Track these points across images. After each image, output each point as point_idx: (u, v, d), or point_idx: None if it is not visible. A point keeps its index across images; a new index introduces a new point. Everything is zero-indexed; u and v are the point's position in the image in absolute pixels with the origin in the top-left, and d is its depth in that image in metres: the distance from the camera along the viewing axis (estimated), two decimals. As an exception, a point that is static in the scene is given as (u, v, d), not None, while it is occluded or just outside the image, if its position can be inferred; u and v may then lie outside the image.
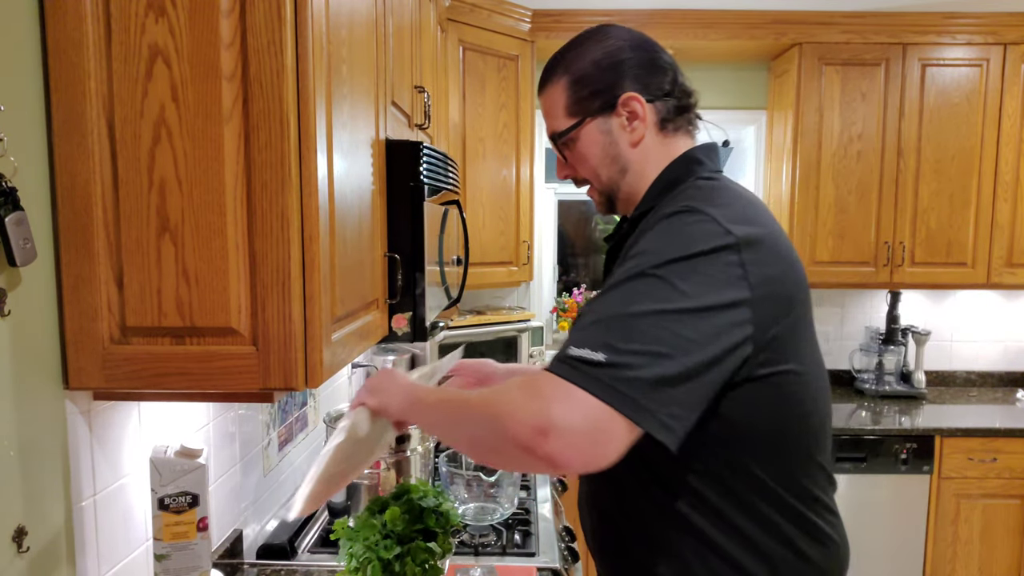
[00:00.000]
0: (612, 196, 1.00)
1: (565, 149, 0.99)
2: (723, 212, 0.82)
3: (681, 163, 0.96)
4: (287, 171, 0.80)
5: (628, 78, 0.94)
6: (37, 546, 0.81)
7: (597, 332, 0.75)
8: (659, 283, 0.76)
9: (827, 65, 2.68)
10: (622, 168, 0.97)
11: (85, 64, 0.79)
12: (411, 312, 1.24)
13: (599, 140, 0.96)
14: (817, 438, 0.89)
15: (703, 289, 0.76)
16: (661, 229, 0.82)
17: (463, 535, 1.51)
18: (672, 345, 0.73)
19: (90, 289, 0.82)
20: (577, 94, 0.95)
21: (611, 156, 0.97)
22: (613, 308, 0.76)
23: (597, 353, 0.73)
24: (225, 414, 1.31)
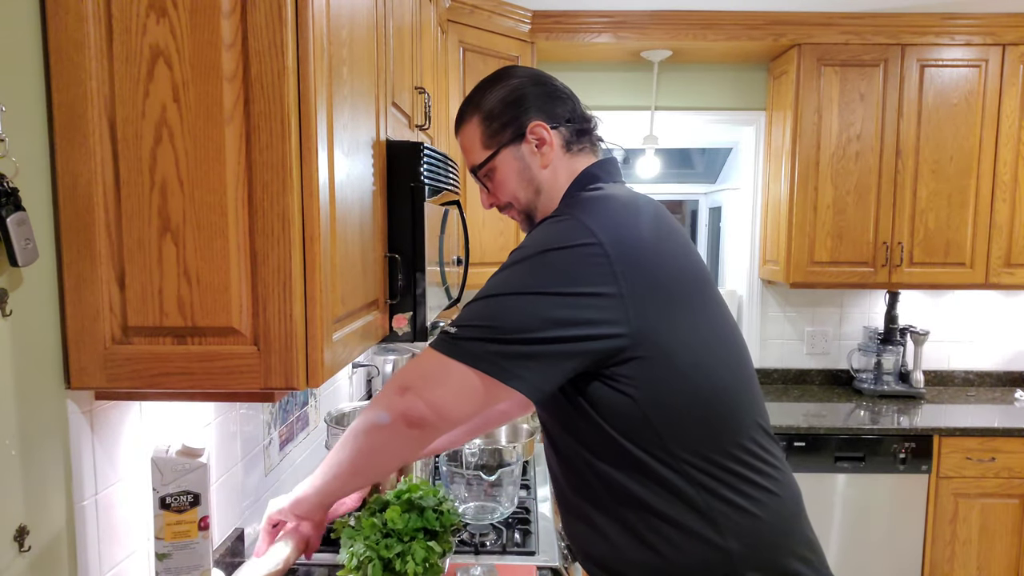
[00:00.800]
0: (531, 214, 1.13)
1: (486, 179, 1.13)
2: (593, 218, 0.96)
3: (580, 179, 1.09)
4: (288, 172, 0.81)
5: (533, 109, 1.09)
6: (38, 545, 0.81)
7: (465, 312, 0.95)
8: (521, 269, 0.94)
9: (826, 66, 2.69)
10: (536, 188, 1.11)
11: (86, 64, 0.80)
12: (411, 312, 1.24)
13: (514, 166, 1.10)
14: (732, 404, 0.99)
15: (560, 277, 0.92)
16: (536, 230, 0.99)
17: (463, 534, 1.51)
18: (525, 320, 0.91)
19: (92, 289, 0.82)
20: (490, 128, 1.10)
21: (526, 179, 1.11)
22: (484, 291, 0.96)
23: (452, 327, 0.94)
24: (226, 413, 1.31)
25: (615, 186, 1.08)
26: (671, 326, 0.95)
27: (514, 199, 1.12)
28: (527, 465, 1.94)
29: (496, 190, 1.13)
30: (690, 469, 0.95)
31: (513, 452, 1.70)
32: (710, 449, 0.96)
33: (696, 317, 0.98)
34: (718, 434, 0.97)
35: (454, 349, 0.93)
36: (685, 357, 0.95)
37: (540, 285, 0.92)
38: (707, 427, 0.96)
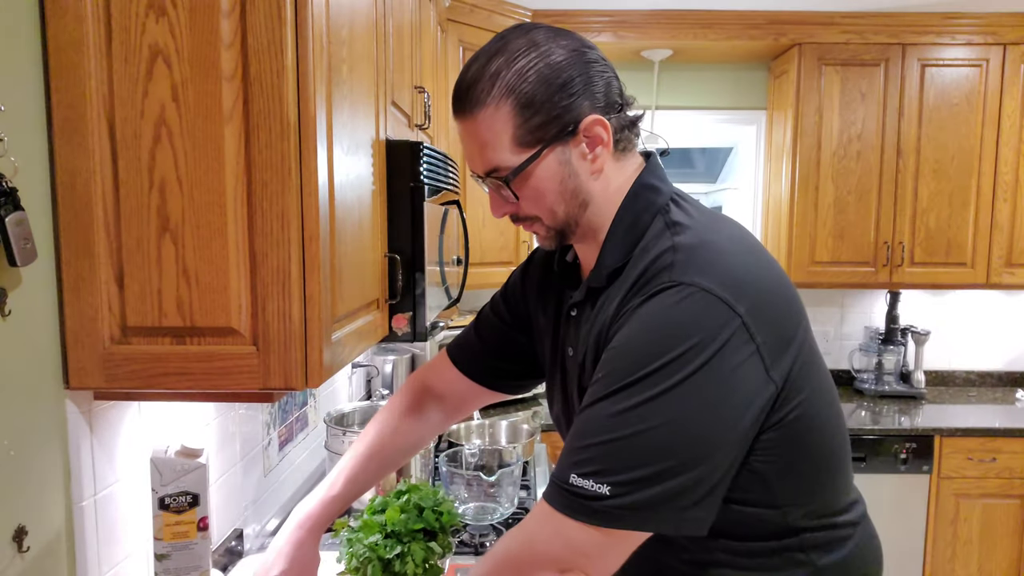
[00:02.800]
0: (567, 232, 0.88)
1: (512, 186, 0.83)
2: (717, 275, 0.75)
3: (637, 196, 0.86)
4: (287, 171, 0.80)
5: (584, 95, 0.81)
6: (37, 546, 0.81)
7: (601, 458, 0.73)
8: (655, 392, 0.72)
9: (827, 65, 2.68)
10: (583, 202, 0.85)
11: (85, 64, 0.79)
12: (411, 312, 1.24)
13: (557, 172, 0.83)
14: (845, 452, 0.89)
15: (707, 390, 0.72)
16: (652, 314, 0.75)
17: (463, 534, 1.51)
18: (678, 457, 0.72)
19: (90, 289, 0.82)
20: (529, 121, 0.80)
21: (571, 190, 0.84)
22: (615, 428, 0.73)
23: (601, 486, 0.72)
24: (226, 414, 1.31)
25: (690, 206, 0.86)
26: (810, 392, 0.80)
27: (548, 214, 0.85)
28: (527, 466, 1.94)
29: (526, 200, 0.85)
30: (805, 535, 0.84)
31: (513, 453, 1.70)
32: (825, 509, 0.85)
33: (818, 366, 0.83)
34: (836, 492, 0.87)
35: (614, 518, 0.72)
36: (818, 420, 0.81)
37: (699, 407, 0.72)
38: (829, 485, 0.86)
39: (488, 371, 1.14)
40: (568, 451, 0.77)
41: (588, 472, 0.73)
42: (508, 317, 1.11)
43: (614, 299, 0.83)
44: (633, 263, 0.83)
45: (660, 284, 0.76)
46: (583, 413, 0.78)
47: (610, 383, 0.75)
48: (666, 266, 0.78)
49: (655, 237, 0.83)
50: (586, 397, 0.79)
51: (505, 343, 1.12)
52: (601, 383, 0.76)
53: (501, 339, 1.12)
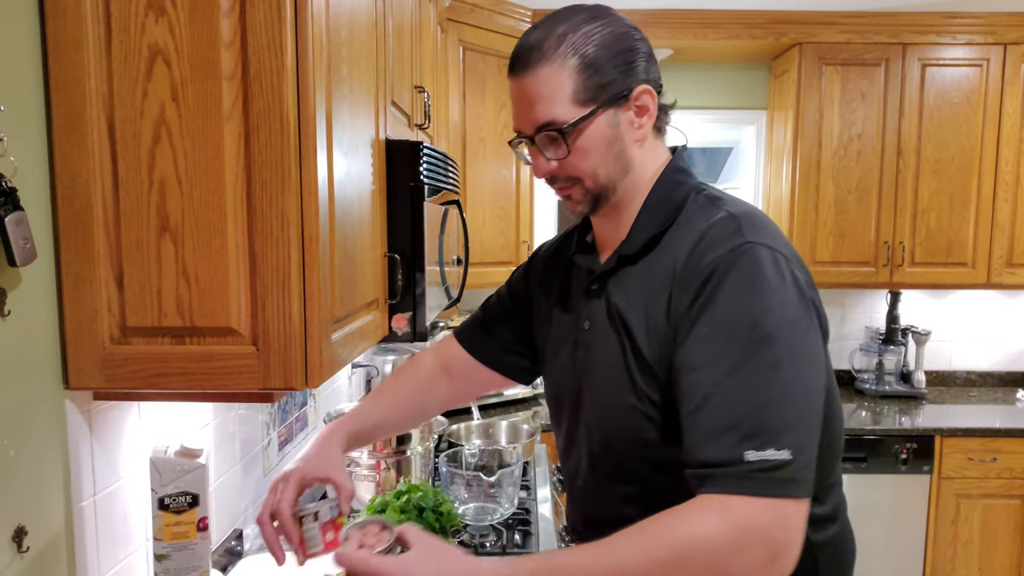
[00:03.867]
0: (603, 197, 0.91)
1: (560, 142, 0.87)
2: (779, 243, 0.82)
3: (670, 176, 0.92)
4: (287, 171, 0.80)
5: (639, 67, 0.88)
6: (37, 546, 0.81)
7: (763, 426, 0.72)
8: (779, 351, 0.75)
9: (827, 65, 2.68)
10: (624, 167, 0.90)
11: (85, 64, 0.79)
12: (411, 312, 1.24)
13: (606, 135, 0.87)
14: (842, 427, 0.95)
15: (809, 344, 0.78)
16: (751, 276, 0.78)
17: (463, 535, 1.51)
18: (812, 411, 0.76)
19: (90, 289, 0.82)
20: (590, 80, 0.85)
21: (615, 153, 0.89)
22: (766, 390, 0.74)
23: (782, 452, 0.72)
24: (225, 414, 1.31)
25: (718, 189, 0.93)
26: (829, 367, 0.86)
27: (591, 175, 0.89)
28: (527, 466, 1.94)
29: (574, 158, 0.88)
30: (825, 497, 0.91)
31: (513, 453, 1.69)
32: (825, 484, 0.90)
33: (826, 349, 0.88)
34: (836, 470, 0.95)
35: (804, 484, 0.73)
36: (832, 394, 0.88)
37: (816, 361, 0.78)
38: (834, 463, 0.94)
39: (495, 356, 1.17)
40: (722, 432, 0.73)
41: (763, 442, 0.72)
42: (511, 308, 1.16)
43: (666, 267, 0.85)
44: (679, 231, 0.87)
45: (738, 245, 0.80)
46: (716, 390, 0.75)
47: (741, 349, 0.75)
48: (733, 230, 0.82)
49: (700, 208, 0.88)
50: (703, 375, 0.77)
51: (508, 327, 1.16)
52: (723, 353, 0.76)
53: (504, 322, 1.17)
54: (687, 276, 0.82)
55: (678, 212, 0.89)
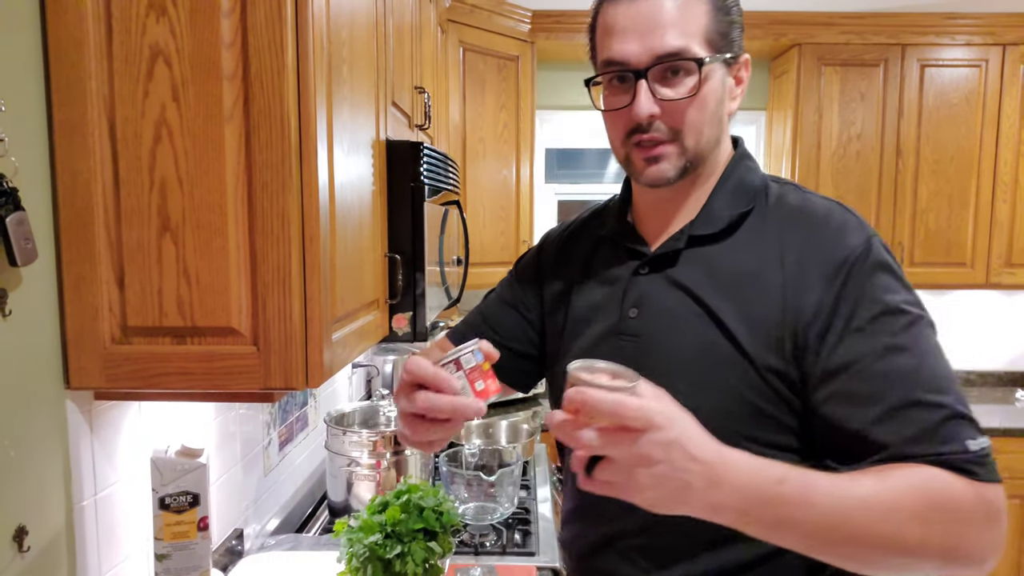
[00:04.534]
0: (692, 166, 0.81)
1: (685, 79, 0.77)
2: None
3: (741, 160, 0.85)
4: (288, 171, 0.80)
5: (742, 37, 0.82)
6: (38, 546, 0.81)
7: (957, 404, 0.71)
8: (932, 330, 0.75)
9: (826, 65, 2.69)
10: (718, 137, 0.82)
11: (86, 64, 0.80)
12: (411, 312, 1.24)
13: (718, 90, 0.79)
14: None
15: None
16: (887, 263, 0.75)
17: (463, 534, 1.51)
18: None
19: (91, 289, 0.82)
20: (720, 25, 0.78)
21: (719, 116, 0.81)
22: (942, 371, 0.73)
23: (982, 439, 0.71)
24: (226, 414, 1.31)
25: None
26: None
27: (697, 131, 0.79)
28: (527, 466, 1.94)
29: (692, 104, 0.77)
30: None
31: (513, 453, 1.70)
32: None
33: None
34: None
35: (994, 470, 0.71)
36: None
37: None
38: None
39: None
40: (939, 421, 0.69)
41: (973, 430, 0.70)
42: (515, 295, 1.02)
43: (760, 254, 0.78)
44: (766, 217, 0.81)
45: (868, 238, 0.76)
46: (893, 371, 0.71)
47: (902, 332, 0.72)
48: (854, 219, 0.78)
49: (791, 191, 0.83)
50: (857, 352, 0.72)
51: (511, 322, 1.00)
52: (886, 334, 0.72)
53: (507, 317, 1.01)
54: (817, 267, 0.75)
55: (756, 198, 0.82)
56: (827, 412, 0.73)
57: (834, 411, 0.73)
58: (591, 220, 0.97)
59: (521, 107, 2.56)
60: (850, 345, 0.72)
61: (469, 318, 1.07)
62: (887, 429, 0.69)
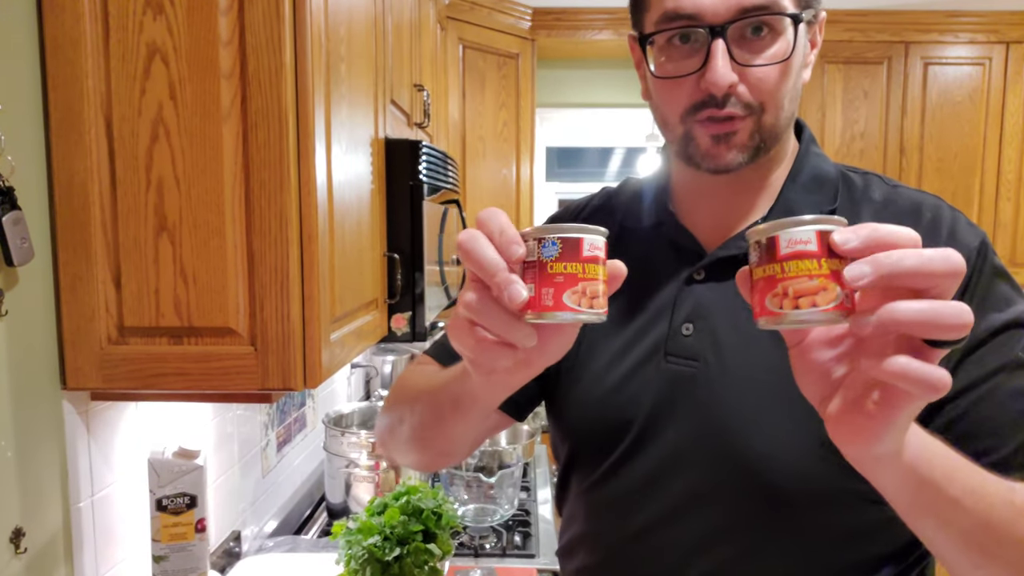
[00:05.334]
0: (765, 146, 0.65)
1: (776, 38, 0.62)
2: None
3: (810, 147, 0.72)
4: (285, 170, 0.80)
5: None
6: (35, 547, 0.80)
7: None
8: None
9: (829, 63, 2.67)
10: (794, 112, 0.67)
11: (83, 62, 0.79)
12: (411, 312, 1.24)
13: (802, 54, 0.64)
14: None
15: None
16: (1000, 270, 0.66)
17: (463, 536, 1.50)
18: None
19: (88, 289, 0.81)
20: None
21: (799, 87, 0.66)
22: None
23: None
24: (223, 415, 1.31)
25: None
26: None
27: (778, 103, 0.64)
28: (527, 467, 1.93)
29: (771, 71, 0.62)
30: None
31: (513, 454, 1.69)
32: None
33: None
34: None
35: None
36: None
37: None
38: None
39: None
40: None
41: None
42: None
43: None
44: (863, 209, 0.68)
45: (983, 239, 0.65)
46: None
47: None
48: (966, 222, 0.67)
49: (877, 182, 0.71)
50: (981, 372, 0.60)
51: None
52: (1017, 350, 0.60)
53: None
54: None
55: (838, 190, 0.70)
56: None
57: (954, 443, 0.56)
58: (608, 205, 0.80)
59: (521, 105, 2.55)
60: (973, 363, 0.60)
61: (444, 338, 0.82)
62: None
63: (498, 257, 0.45)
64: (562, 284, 0.44)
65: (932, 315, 0.38)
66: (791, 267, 0.41)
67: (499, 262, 0.44)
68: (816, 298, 0.41)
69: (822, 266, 0.41)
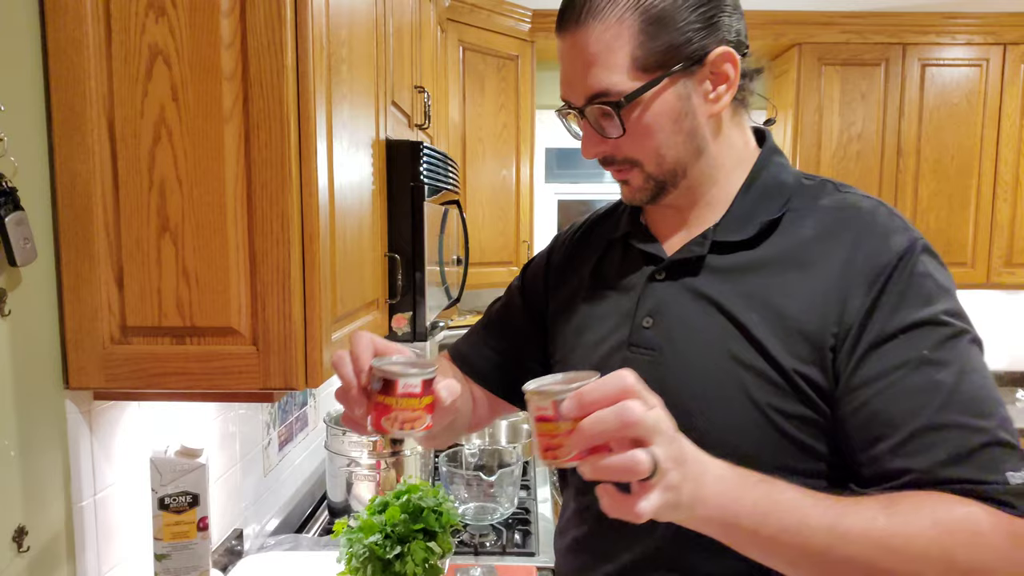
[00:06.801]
0: (668, 184, 0.75)
1: (614, 118, 0.72)
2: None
3: (770, 156, 0.78)
4: (287, 171, 0.80)
5: (718, 25, 0.71)
6: (37, 546, 0.81)
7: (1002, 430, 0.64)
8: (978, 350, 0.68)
9: (826, 65, 2.68)
10: (698, 148, 0.74)
11: (85, 64, 0.79)
12: (411, 312, 1.24)
13: (674, 108, 0.72)
14: None
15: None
16: (935, 271, 0.70)
17: (463, 535, 1.51)
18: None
19: (90, 289, 0.82)
20: (655, 40, 0.69)
21: (686, 132, 0.73)
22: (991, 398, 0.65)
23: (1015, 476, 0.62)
24: (225, 414, 1.31)
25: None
26: None
27: (653, 156, 0.74)
28: (527, 466, 1.94)
29: (631, 137, 0.73)
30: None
31: (513, 453, 1.69)
32: None
33: None
34: None
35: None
36: None
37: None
38: None
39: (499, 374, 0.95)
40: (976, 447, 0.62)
41: (1017, 459, 0.62)
42: (524, 311, 0.95)
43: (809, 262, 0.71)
44: (800, 219, 0.74)
45: (913, 241, 0.70)
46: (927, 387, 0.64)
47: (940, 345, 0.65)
48: (899, 227, 0.72)
49: (829, 189, 0.76)
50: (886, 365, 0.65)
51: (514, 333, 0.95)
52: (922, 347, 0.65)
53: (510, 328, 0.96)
54: (861, 272, 0.69)
55: (791, 198, 0.75)
56: (848, 430, 0.67)
57: (855, 430, 0.66)
58: (601, 221, 0.91)
59: (521, 107, 2.56)
60: (880, 356, 0.66)
61: (471, 335, 0.99)
62: (912, 452, 0.63)
63: (352, 378, 0.64)
64: (381, 410, 0.62)
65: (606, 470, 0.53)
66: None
67: (352, 382, 0.64)
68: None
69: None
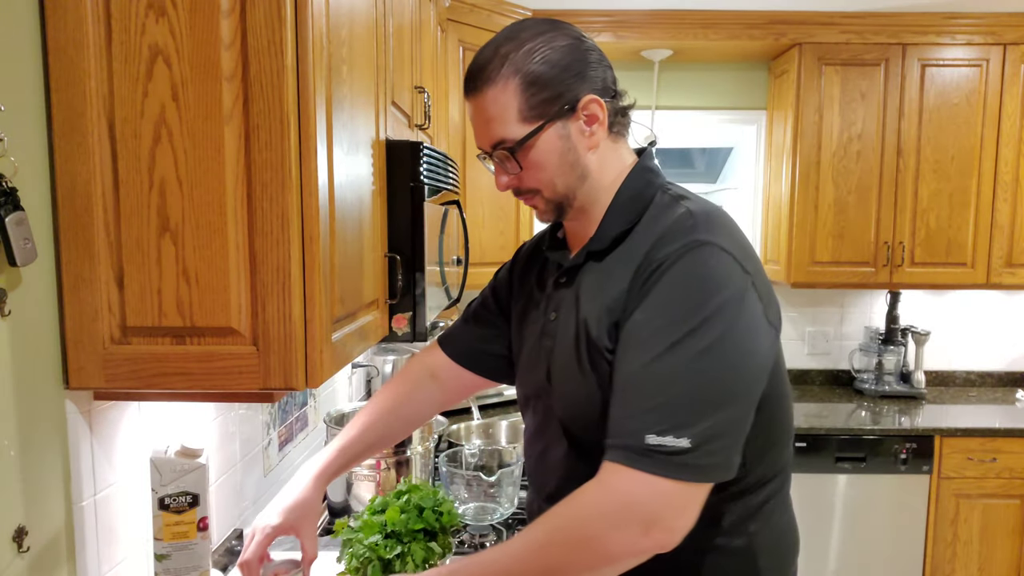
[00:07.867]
0: (565, 205, 0.95)
1: (512, 159, 0.91)
2: (730, 240, 0.84)
3: (639, 175, 0.95)
4: (287, 171, 0.80)
5: (583, 78, 0.90)
6: (37, 546, 0.81)
7: (672, 413, 0.77)
8: (706, 343, 0.78)
9: (827, 65, 2.68)
10: (581, 175, 0.93)
11: (85, 64, 0.80)
12: (411, 312, 1.24)
13: (558, 146, 0.91)
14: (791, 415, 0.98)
15: (744, 340, 0.80)
16: (689, 271, 0.82)
17: (463, 535, 1.51)
18: (733, 403, 0.80)
19: (90, 289, 0.82)
20: (534, 97, 0.88)
21: (570, 163, 0.92)
22: (680, 380, 0.78)
23: (681, 439, 0.76)
24: (225, 414, 1.31)
25: (684, 188, 0.96)
26: (779, 368, 0.90)
27: (548, 186, 0.93)
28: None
29: (528, 172, 0.92)
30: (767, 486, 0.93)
31: (513, 453, 1.69)
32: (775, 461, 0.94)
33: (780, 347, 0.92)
34: (785, 446, 0.96)
35: (701, 471, 0.77)
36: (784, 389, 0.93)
37: (746, 352, 0.80)
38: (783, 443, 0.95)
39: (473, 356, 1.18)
40: (634, 413, 0.79)
41: (666, 428, 0.77)
42: (495, 307, 1.17)
43: (628, 260, 0.88)
44: (644, 228, 0.90)
45: (688, 242, 0.83)
46: (638, 373, 0.80)
47: (664, 338, 0.79)
48: (688, 227, 0.85)
49: (665, 206, 0.91)
50: (629, 357, 0.82)
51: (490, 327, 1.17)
52: (651, 340, 0.80)
53: (486, 322, 1.17)
54: (641, 269, 0.85)
55: (645, 210, 0.92)
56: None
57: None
58: (546, 236, 1.09)
59: (521, 107, 2.55)
60: (623, 333, 0.84)
61: (453, 326, 1.22)
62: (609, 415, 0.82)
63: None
64: None
65: None
66: None
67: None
68: None
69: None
